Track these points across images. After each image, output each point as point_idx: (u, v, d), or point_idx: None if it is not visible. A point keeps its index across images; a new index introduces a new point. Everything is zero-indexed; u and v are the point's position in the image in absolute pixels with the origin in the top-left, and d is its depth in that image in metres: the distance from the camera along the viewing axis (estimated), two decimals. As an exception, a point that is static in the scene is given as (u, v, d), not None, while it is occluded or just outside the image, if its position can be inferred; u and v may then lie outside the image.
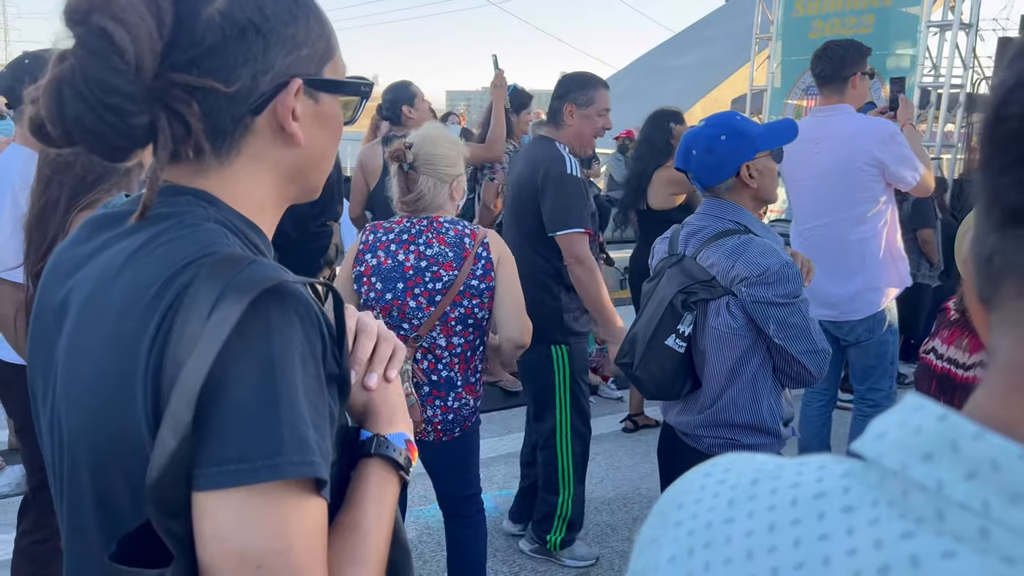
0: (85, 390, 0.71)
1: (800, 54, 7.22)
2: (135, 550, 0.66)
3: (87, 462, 0.72)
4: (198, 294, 0.67)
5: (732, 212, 2.07)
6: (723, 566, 0.45)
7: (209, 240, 0.72)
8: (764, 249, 1.96)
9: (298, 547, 0.66)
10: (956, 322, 2.49)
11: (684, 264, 2.08)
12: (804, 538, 0.42)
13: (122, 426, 0.68)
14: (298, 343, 0.68)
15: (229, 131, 0.76)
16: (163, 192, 0.77)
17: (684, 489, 0.52)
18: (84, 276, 0.75)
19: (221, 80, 0.72)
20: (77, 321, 0.74)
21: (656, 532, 0.51)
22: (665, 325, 2.04)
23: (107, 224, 0.79)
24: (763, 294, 1.93)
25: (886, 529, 0.39)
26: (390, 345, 0.90)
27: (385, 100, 3.97)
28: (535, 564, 3.15)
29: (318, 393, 0.70)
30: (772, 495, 0.46)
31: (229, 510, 0.64)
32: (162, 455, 0.63)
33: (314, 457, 0.67)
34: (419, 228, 2.25)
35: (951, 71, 6.88)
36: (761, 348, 2.01)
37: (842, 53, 3.12)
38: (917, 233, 5.17)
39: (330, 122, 0.84)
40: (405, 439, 0.86)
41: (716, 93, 12.27)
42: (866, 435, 0.43)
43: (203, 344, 0.64)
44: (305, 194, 0.87)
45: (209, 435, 0.64)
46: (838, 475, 0.44)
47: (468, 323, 2.26)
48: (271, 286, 0.67)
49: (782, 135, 2.08)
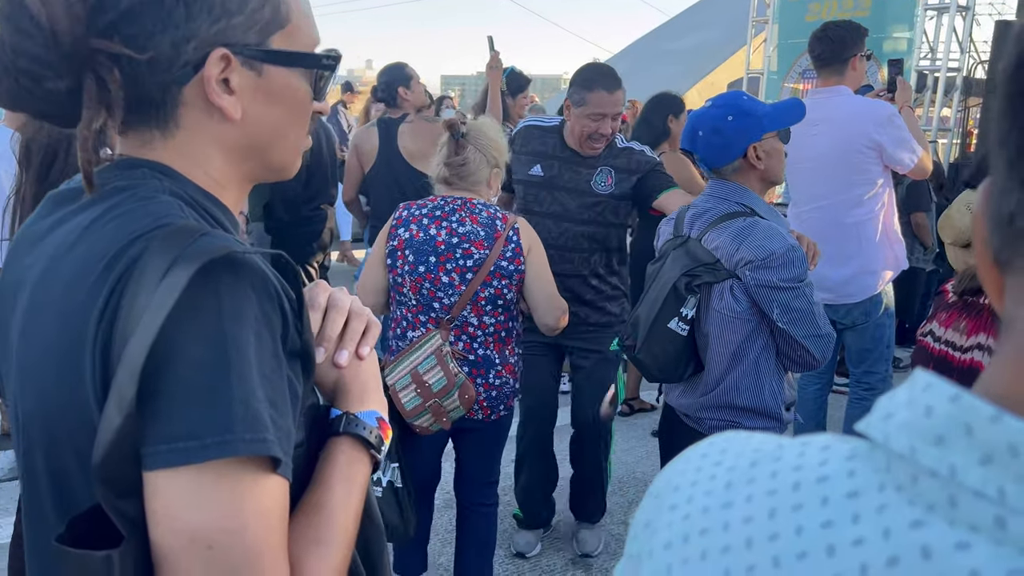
0: (35, 369, 0.70)
1: (797, 37, 7.18)
2: (87, 531, 0.64)
3: (40, 442, 0.70)
4: (147, 266, 0.64)
5: (738, 194, 2.05)
6: (721, 554, 0.42)
7: (162, 212, 0.69)
8: (769, 232, 1.94)
9: (252, 527, 0.64)
10: (954, 304, 2.48)
11: (689, 246, 2.05)
12: (807, 525, 0.40)
13: (72, 404, 0.66)
14: (252, 317, 0.65)
15: (157, 101, 0.72)
16: (119, 165, 0.75)
17: (680, 470, 0.50)
18: (41, 252, 0.73)
19: (135, 47, 0.69)
20: (30, 299, 0.72)
21: (651, 515, 0.50)
22: (668, 308, 2.02)
23: (67, 199, 0.76)
24: (767, 278, 1.91)
25: (894, 517, 0.37)
26: (362, 321, 0.87)
27: (380, 82, 3.93)
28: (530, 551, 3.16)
29: (275, 369, 0.67)
30: (772, 478, 0.43)
31: (179, 489, 0.62)
32: (107, 432, 0.61)
33: (267, 435, 0.64)
34: (452, 207, 2.30)
35: (948, 55, 6.86)
36: (764, 332, 2.00)
37: (841, 34, 3.09)
38: (911, 217, 5.16)
39: (283, 97, 0.78)
40: (378, 417, 0.84)
41: (712, 77, 12.22)
42: (872, 415, 0.40)
43: (148, 316, 0.61)
44: (270, 172, 0.83)
45: (156, 411, 0.62)
46: (843, 457, 0.42)
47: (498, 304, 2.29)
48: (221, 255, 0.65)
49: (789, 115, 2.06)
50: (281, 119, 0.79)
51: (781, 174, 2.12)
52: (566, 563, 3.07)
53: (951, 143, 7.06)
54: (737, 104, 2.02)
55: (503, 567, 3.02)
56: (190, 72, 0.72)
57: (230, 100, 0.74)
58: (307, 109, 0.82)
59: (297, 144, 0.83)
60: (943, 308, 2.54)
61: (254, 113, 0.77)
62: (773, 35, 7.78)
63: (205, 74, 0.72)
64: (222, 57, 0.72)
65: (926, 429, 0.37)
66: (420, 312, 2.32)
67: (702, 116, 2.05)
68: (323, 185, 4.10)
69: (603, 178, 2.82)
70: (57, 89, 0.69)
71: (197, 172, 0.77)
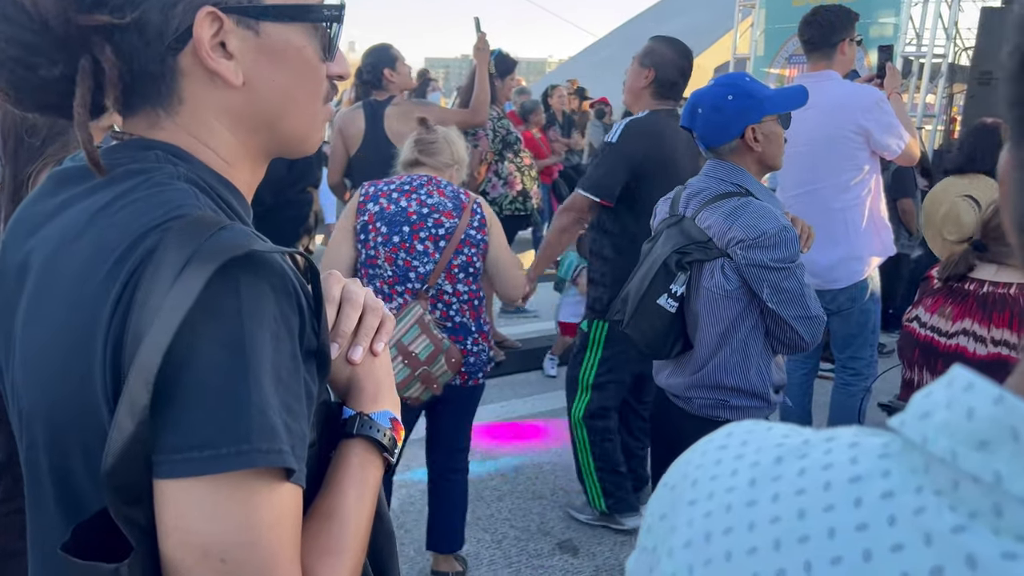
0: (41, 361, 0.66)
1: (783, 22, 7.18)
2: (93, 538, 0.62)
3: (44, 440, 0.67)
4: (162, 261, 0.61)
5: (734, 174, 2.04)
6: (747, 556, 0.40)
7: (177, 201, 0.66)
8: (762, 212, 1.93)
9: (266, 539, 0.62)
10: (939, 290, 2.49)
11: (683, 225, 2.05)
12: (839, 527, 0.37)
13: (80, 402, 0.64)
14: (271, 318, 0.63)
15: (158, 74, 0.69)
16: (131, 146, 0.72)
17: (698, 463, 0.48)
18: (46, 235, 0.70)
19: (122, 17, 0.65)
20: (36, 285, 0.68)
21: (667, 508, 0.48)
22: (658, 284, 2.02)
23: (73, 178, 0.73)
24: (758, 257, 1.91)
25: (934, 521, 0.35)
26: (377, 316, 0.83)
27: (366, 64, 3.87)
28: (517, 532, 3.16)
29: (293, 372, 0.65)
30: (800, 476, 0.41)
31: (192, 500, 0.60)
32: (119, 440, 0.58)
33: (282, 445, 0.62)
34: (420, 182, 2.43)
35: (933, 41, 6.87)
36: (754, 312, 2.00)
37: (831, 19, 3.08)
38: (897, 203, 5.18)
39: (287, 57, 0.73)
40: (391, 418, 0.81)
41: (699, 61, 12.21)
42: (907, 413, 0.38)
43: (163, 317, 0.58)
44: (285, 146, 0.79)
45: (170, 419, 0.59)
46: (875, 455, 0.39)
47: (469, 271, 2.43)
48: (241, 254, 0.61)
49: (791, 100, 2.04)
50: (288, 82, 0.74)
51: (779, 159, 2.10)
52: (552, 547, 3.09)
53: (935, 129, 7.09)
54: (739, 84, 2.01)
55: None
56: (183, 38, 0.68)
57: (228, 64, 0.70)
58: (317, 70, 0.77)
59: (311, 111, 0.78)
60: (929, 294, 2.55)
61: (258, 77, 0.72)
62: (760, 20, 7.77)
63: (196, 37, 0.68)
64: (210, 16, 0.68)
65: (968, 433, 0.35)
66: (396, 283, 2.39)
67: (703, 94, 2.04)
68: (308, 167, 4.04)
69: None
70: (52, 76, 0.66)
71: (206, 151, 0.73)
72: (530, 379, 4.90)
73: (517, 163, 4.99)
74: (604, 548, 3.07)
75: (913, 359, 2.55)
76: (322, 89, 0.79)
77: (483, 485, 3.48)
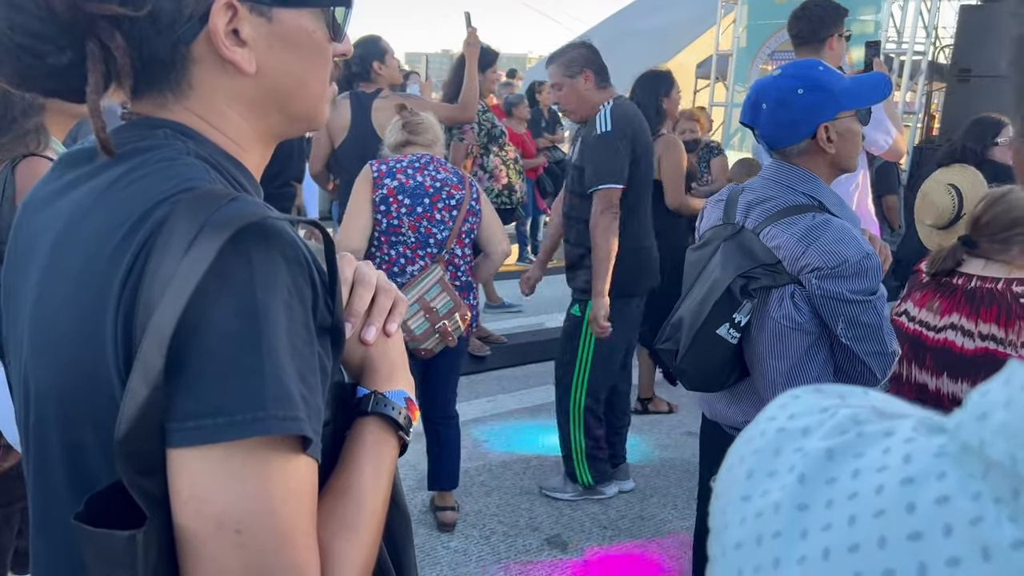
0: (53, 339, 0.65)
1: (766, 18, 7.20)
2: (106, 510, 0.60)
3: (56, 417, 0.66)
4: (173, 232, 0.60)
5: (805, 182, 1.77)
6: (796, 565, 0.38)
7: (188, 175, 0.65)
8: (843, 235, 1.67)
9: (282, 510, 0.60)
10: (928, 284, 2.50)
11: (744, 239, 1.77)
12: (890, 536, 0.35)
13: (92, 376, 0.62)
14: (283, 288, 0.62)
15: (166, 62, 0.68)
16: (138, 125, 0.70)
17: (756, 448, 0.45)
18: (54, 217, 0.69)
19: (133, 6, 0.64)
20: (45, 266, 0.67)
21: (721, 488, 0.46)
22: (719, 312, 1.73)
23: (80, 160, 0.71)
24: (836, 288, 1.66)
25: (993, 534, 0.32)
26: (390, 297, 0.83)
27: (355, 55, 3.83)
28: (505, 528, 3.15)
29: (307, 343, 0.64)
30: (854, 479, 0.38)
31: (206, 469, 0.59)
32: (132, 405, 0.57)
33: (299, 412, 0.60)
34: (426, 160, 2.77)
35: (914, 38, 6.93)
36: (825, 346, 1.76)
37: (821, 13, 3.09)
38: (881, 199, 5.23)
39: (298, 42, 0.73)
40: (405, 397, 0.80)
41: (681, 57, 12.20)
42: (964, 413, 0.36)
43: (176, 284, 0.58)
44: (295, 126, 0.79)
45: (183, 386, 0.58)
46: (931, 454, 0.36)
47: (471, 236, 2.84)
48: (253, 222, 0.61)
49: (872, 92, 1.77)
50: (299, 67, 0.74)
51: (854, 160, 1.82)
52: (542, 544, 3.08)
53: (915, 127, 7.16)
54: (811, 75, 1.73)
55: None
56: (196, 26, 0.67)
57: (242, 52, 0.69)
58: (326, 52, 0.76)
59: (320, 91, 0.77)
60: (917, 288, 2.56)
61: (270, 63, 0.72)
62: (742, 15, 7.79)
63: (211, 26, 0.67)
64: (227, 5, 0.67)
65: None
66: (418, 248, 2.75)
67: (767, 86, 1.77)
68: (288, 161, 4.01)
69: (575, 148, 3.15)
70: (61, 64, 0.65)
71: (215, 134, 0.72)
72: (516, 374, 4.89)
73: (502, 156, 4.97)
74: (592, 543, 3.07)
75: (902, 353, 2.56)
76: (329, 68, 0.78)
77: (471, 481, 3.47)
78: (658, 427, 4.19)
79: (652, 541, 3.10)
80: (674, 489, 3.52)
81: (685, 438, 4.05)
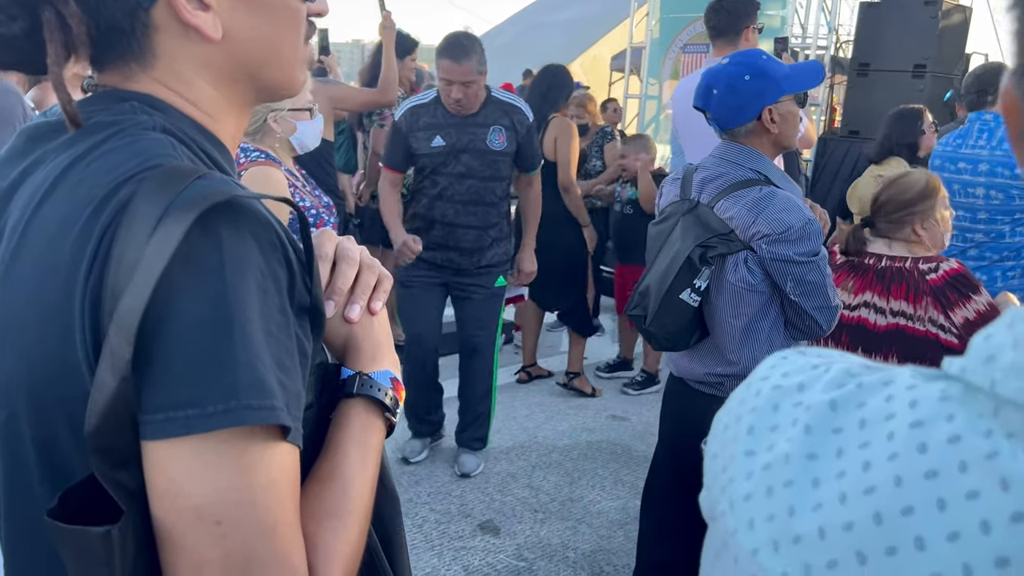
0: (18, 327, 0.61)
1: (679, 11, 7.37)
2: (82, 506, 0.57)
3: (24, 407, 0.62)
4: (137, 213, 0.57)
5: (752, 159, 1.97)
6: (812, 512, 0.38)
7: (152, 151, 0.61)
8: (787, 204, 1.88)
9: (263, 499, 0.58)
10: (842, 265, 2.63)
11: (700, 213, 1.97)
12: (906, 476, 0.35)
13: (61, 366, 0.59)
14: (256, 270, 0.59)
15: (127, 29, 0.64)
16: (103, 97, 0.67)
17: (753, 407, 0.46)
18: (17, 197, 0.65)
19: None
20: (8, 249, 0.63)
21: (718, 448, 0.46)
22: (681, 279, 1.95)
23: (43, 134, 0.67)
24: (784, 252, 1.87)
25: (1010, 465, 0.33)
26: (374, 274, 0.79)
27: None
28: (437, 516, 3.14)
29: (283, 327, 0.61)
30: (861, 429, 0.39)
31: (181, 461, 0.56)
32: (101, 398, 0.54)
33: (275, 400, 0.58)
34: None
35: (817, 34, 7.22)
36: (776, 303, 1.98)
37: (736, 6, 3.20)
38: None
39: (267, 4, 0.69)
40: (391, 377, 0.77)
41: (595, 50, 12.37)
42: (969, 358, 0.37)
43: (142, 270, 0.55)
44: (268, 93, 0.75)
45: (153, 376, 0.56)
46: (935, 399, 0.38)
47: None
48: (222, 201, 0.58)
49: (809, 78, 1.98)
50: (270, 31, 0.70)
51: (794, 139, 2.03)
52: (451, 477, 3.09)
53: (819, 119, 7.46)
54: (756, 63, 1.93)
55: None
56: None
57: (206, 17, 0.65)
58: (298, 14, 0.72)
59: (293, 56, 0.73)
60: (833, 269, 2.69)
61: (237, 28, 0.68)
62: (655, 8, 7.95)
63: None
64: None
65: None
66: None
67: (718, 73, 1.96)
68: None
69: (496, 136, 3.23)
70: (12, 33, 0.61)
71: (185, 105, 0.68)
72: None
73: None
74: (524, 527, 3.10)
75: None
76: (303, 31, 0.74)
77: (400, 471, 3.44)
78: (583, 411, 4.26)
79: (582, 522, 3.15)
80: (601, 471, 3.58)
81: (610, 421, 4.13)
